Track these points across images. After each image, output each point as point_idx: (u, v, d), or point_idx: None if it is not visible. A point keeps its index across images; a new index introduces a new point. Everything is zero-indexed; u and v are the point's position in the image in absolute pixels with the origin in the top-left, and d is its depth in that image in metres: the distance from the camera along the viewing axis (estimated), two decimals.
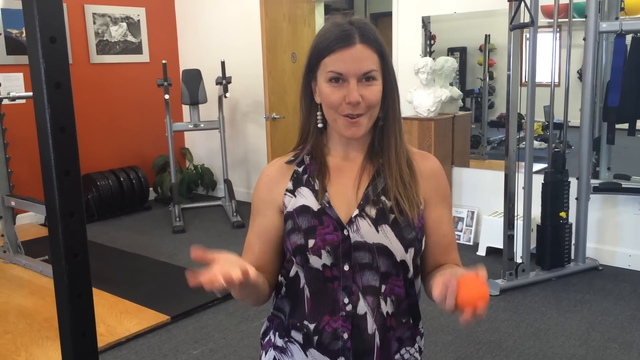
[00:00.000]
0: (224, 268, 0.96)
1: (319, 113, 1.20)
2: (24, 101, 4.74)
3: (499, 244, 3.80)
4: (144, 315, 3.25)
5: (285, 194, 1.21)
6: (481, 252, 4.20)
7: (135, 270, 4.08)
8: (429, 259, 1.25)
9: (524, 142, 3.62)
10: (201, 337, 3.04)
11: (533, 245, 3.78)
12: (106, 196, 5.39)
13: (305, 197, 1.19)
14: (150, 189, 5.98)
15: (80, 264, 0.97)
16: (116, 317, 3.23)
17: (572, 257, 3.78)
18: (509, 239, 3.56)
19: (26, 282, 3.83)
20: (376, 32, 1.16)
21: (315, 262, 1.16)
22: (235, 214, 5.14)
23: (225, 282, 0.94)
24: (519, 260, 3.64)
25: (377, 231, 1.15)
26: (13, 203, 4.14)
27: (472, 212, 4.46)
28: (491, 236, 4.13)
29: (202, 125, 5.46)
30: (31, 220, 5.29)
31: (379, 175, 1.19)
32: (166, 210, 5.60)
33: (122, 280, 3.83)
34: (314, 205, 1.18)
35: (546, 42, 3.79)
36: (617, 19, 3.66)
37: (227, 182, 5.45)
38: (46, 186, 0.95)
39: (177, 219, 5.07)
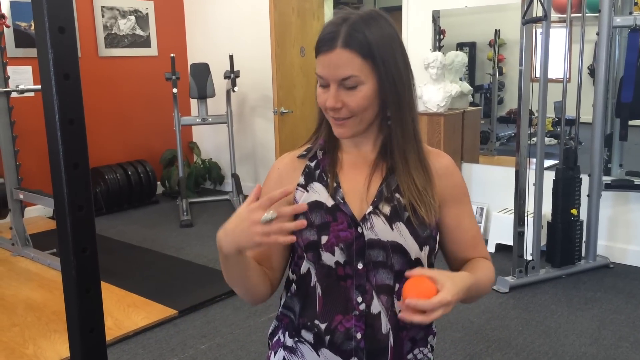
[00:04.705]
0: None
1: None
2: (32, 94, 4.75)
3: (509, 241, 3.77)
4: (152, 309, 3.25)
5: (296, 189, 1.19)
6: (490, 248, 4.17)
7: (143, 264, 4.08)
8: (456, 255, 1.23)
9: (534, 138, 3.58)
10: (209, 331, 3.04)
11: (543, 242, 3.74)
12: (114, 190, 5.39)
13: (318, 193, 1.17)
14: (158, 182, 5.98)
15: (89, 259, 0.96)
16: (124, 311, 3.22)
17: (583, 254, 3.75)
18: (519, 235, 3.53)
19: (34, 275, 3.83)
20: (372, 26, 1.07)
21: (328, 259, 1.14)
22: None
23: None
24: (529, 258, 3.61)
25: (392, 229, 1.12)
26: (21, 196, 4.15)
27: (482, 209, 4.43)
28: (501, 233, 4.10)
29: (210, 119, 5.45)
30: (39, 213, 5.30)
31: (392, 173, 1.16)
32: (174, 204, 5.60)
33: (129, 274, 3.83)
34: (328, 201, 1.15)
35: (558, 37, 3.75)
36: (631, 13, 3.61)
37: (235, 177, 5.44)
38: (55, 179, 0.93)
39: (185, 213, 5.07)
